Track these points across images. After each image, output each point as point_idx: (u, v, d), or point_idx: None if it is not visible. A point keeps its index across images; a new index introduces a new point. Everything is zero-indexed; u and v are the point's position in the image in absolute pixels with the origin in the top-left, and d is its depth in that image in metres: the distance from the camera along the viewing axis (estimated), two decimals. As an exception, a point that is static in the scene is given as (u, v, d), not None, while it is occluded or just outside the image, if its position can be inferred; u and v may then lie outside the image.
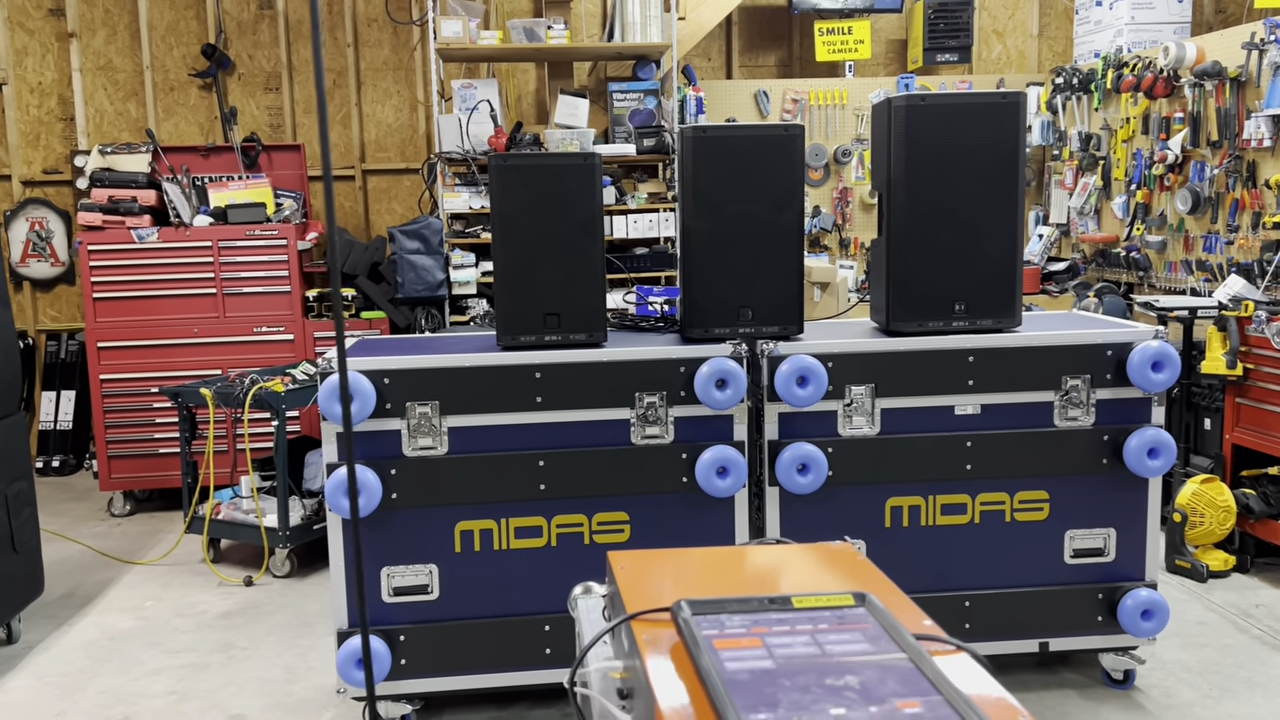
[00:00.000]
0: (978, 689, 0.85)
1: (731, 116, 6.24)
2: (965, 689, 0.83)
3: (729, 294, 3.02)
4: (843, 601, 0.97)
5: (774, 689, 0.81)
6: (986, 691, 0.85)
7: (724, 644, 0.89)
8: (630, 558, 1.17)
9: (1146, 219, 5.27)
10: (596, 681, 1.01)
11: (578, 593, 1.31)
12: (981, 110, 2.98)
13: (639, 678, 0.92)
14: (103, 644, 3.73)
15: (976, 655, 0.89)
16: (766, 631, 0.92)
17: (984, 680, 0.87)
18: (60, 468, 6.09)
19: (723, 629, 0.92)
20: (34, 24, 6.18)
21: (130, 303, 5.19)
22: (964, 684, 0.86)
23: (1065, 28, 6.65)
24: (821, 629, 0.92)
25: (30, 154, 6.27)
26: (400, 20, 6.31)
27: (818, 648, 0.88)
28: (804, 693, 0.81)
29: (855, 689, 0.81)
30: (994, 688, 0.87)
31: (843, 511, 3.03)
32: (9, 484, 3.63)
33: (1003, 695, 0.85)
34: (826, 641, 0.89)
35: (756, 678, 0.83)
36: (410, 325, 5.38)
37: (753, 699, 0.80)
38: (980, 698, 0.83)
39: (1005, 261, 3.04)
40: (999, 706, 0.82)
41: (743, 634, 0.91)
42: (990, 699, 0.83)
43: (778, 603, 0.99)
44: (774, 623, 0.94)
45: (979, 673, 0.88)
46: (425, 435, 2.89)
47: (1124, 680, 3.17)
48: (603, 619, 1.21)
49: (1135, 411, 3.05)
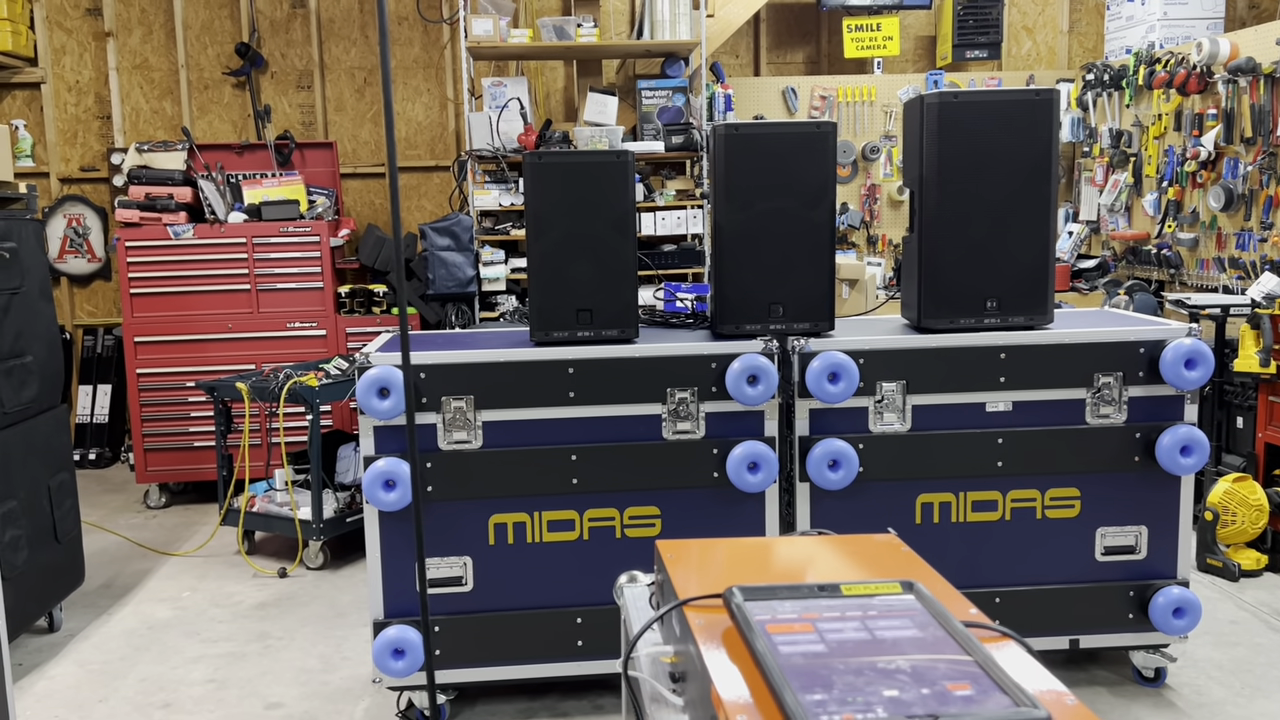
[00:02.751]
0: (1026, 675, 0.87)
1: (759, 114, 6.25)
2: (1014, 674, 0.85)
3: (760, 290, 3.04)
4: (891, 590, 1.00)
5: (828, 671, 0.84)
6: (1034, 677, 0.87)
7: (776, 629, 0.91)
8: (677, 547, 1.20)
9: (1178, 216, 5.24)
10: (646, 666, 1.03)
11: (623, 581, 1.34)
12: (1015, 108, 2.98)
13: (693, 662, 0.95)
14: (142, 633, 3.80)
15: (1024, 643, 0.91)
16: (817, 617, 0.94)
17: (1032, 667, 0.90)
18: (96, 460, 6.19)
19: (775, 614, 0.95)
20: (71, 23, 6.28)
21: (166, 298, 5.28)
22: (1012, 670, 0.88)
23: (1096, 23, 6.61)
24: (871, 615, 0.94)
25: (68, 151, 6.36)
26: (431, 19, 6.36)
27: (868, 633, 0.91)
28: (857, 675, 0.83)
29: (907, 672, 0.83)
30: (1042, 674, 0.89)
31: (873, 507, 3.04)
32: (52, 475, 3.71)
33: (1051, 681, 0.87)
34: (877, 627, 0.92)
35: (810, 660, 0.85)
36: (441, 321, 5.43)
37: (807, 680, 0.82)
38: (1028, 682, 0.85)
39: (1037, 258, 3.04)
40: (1047, 692, 0.85)
41: (794, 619, 0.93)
42: (1039, 684, 0.85)
43: (827, 590, 1.01)
44: (824, 609, 0.96)
45: (1027, 659, 0.90)
46: (460, 429, 2.92)
47: (1155, 678, 3.17)
48: (649, 606, 1.24)
49: (1168, 409, 3.05)
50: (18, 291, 3.54)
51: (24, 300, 3.58)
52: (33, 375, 3.60)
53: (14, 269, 3.52)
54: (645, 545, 3.00)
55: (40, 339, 3.67)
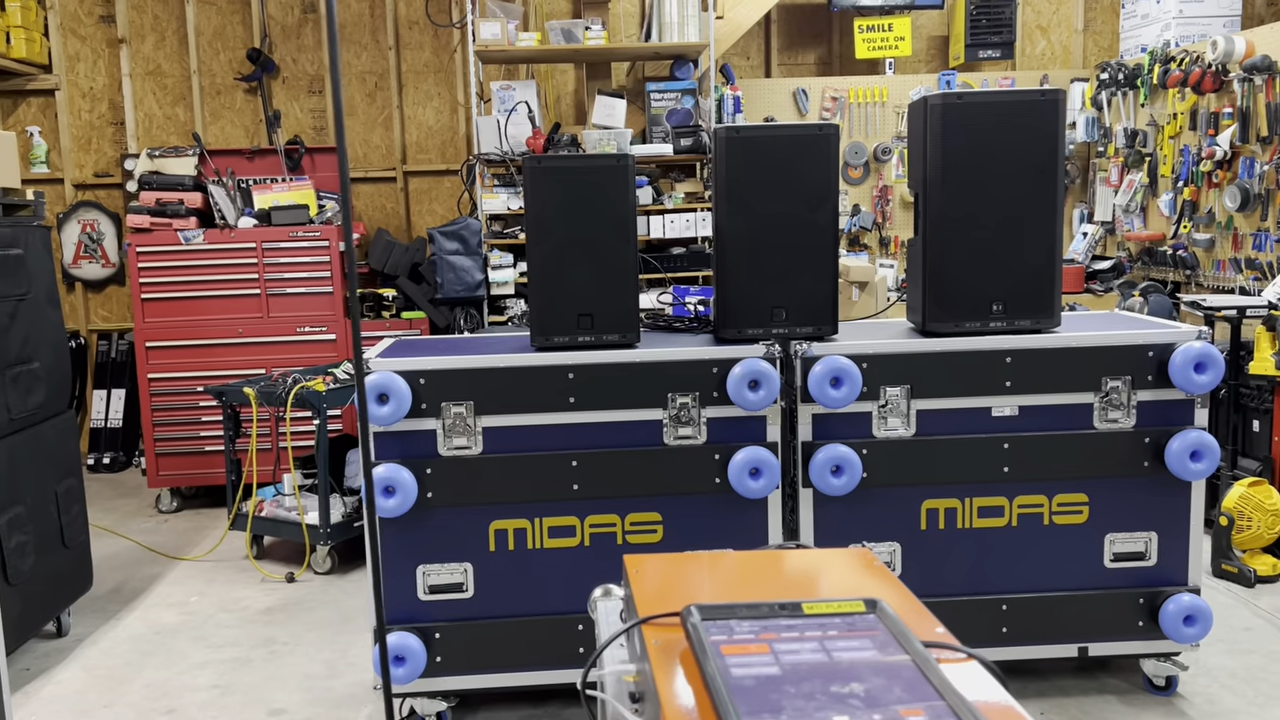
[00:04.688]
0: (985, 697, 0.84)
1: (770, 115, 6.21)
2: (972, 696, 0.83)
3: (763, 294, 3.02)
4: (853, 608, 0.97)
5: (778, 695, 0.82)
6: (994, 699, 0.85)
7: (731, 650, 0.89)
8: (647, 561, 1.18)
9: (1194, 216, 5.17)
10: (611, 684, 1.01)
11: (597, 595, 1.32)
12: (1020, 108, 2.94)
13: (648, 682, 0.93)
14: (149, 638, 3.81)
15: (986, 663, 0.89)
16: (775, 638, 0.92)
17: (992, 688, 0.87)
18: (111, 465, 6.23)
19: (731, 635, 0.92)
20: (85, 30, 6.32)
21: (177, 303, 5.30)
22: (972, 691, 0.85)
23: (1111, 22, 6.54)
24: (831, 635, 0.92)
25: (82, 157, 6.41)
26: (440, 23, 6.36)
27: (825, 654, 0.88)
28: (808, 700, 0.81)
29: (860, 696, 0.81)
30: (1002, 696, 0.86)
31: (877, 513, 3.01)
32: (59, 481, 3.72)
33: (1010, 704, 0.84)
34: (834, 648, 0.89)
35: (762, 684, 0.83)
36: (450, 325, 5.43)
37: (757, 705, 0.80)
38: (986, 705, 0.83)
39: (1044, 261, 3.00)
40: (1005, 714, 0.82)
41: (751, 640, 0.91)
42: (997, 707, 0.83)
43: (788, 609, 0.99)
44: (783, 629, 0.94)
45: (988, 681, 0.88)
46: (460, 435, 2.91)
47: (1166, 686, 3.11)
48: (620, 621, 1.22)
49: (1177, 413, 3.00)
50: (24, 298, 3.56)
51: (31, 307, 3.59)
52: (39, 381, 3.62)
53: (21, 275, 3.54)
54: (646, 552, 2.98)
55: (47, 345, 3.69)
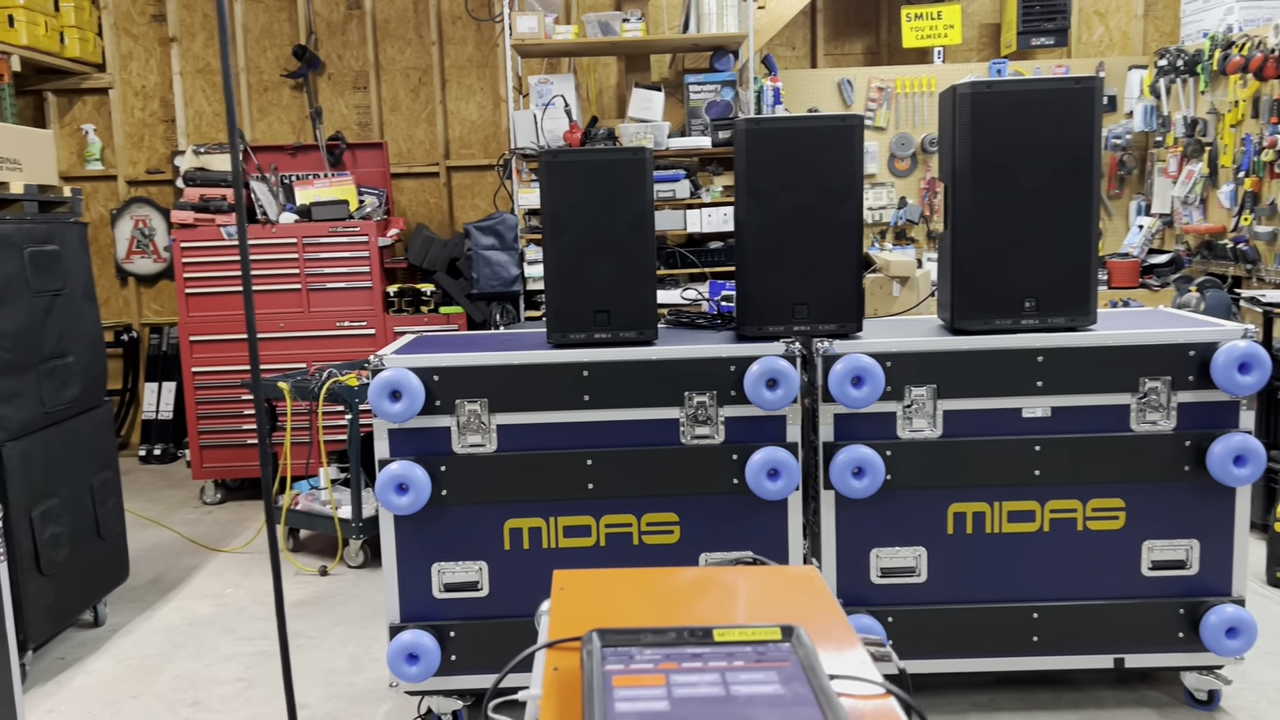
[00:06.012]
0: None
1: (814, 106, 6.10)
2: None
3: (785, 290, 2.94)
4: (768, 635, 0.91)
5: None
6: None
7: (624, 681, 0.83)
8: (575, 577, 1.13)
9: (1255, 208, 4.95)
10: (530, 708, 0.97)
11: (544, 608, 1.27)
12: (1053, 97, 2.82)
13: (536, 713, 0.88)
14: (182, 629, 3.86)
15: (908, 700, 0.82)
16: (675, 668, 0.86)
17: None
18: (161, 456, 6.35)
19: (629, 664, 0.87)
20: (138, 30, 6.44)
21: (219, 298, 5.37)
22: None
23: (1173, 6, 6.30)
24: (736, 666, 0.85)
25: (135, 154, 6.53)
26: (479, 17, 6.36)
27: (723, 688, 0.82)
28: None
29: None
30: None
31: (901, 517, 2.92)
32: (95, 474, 3.79)
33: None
34: (735, 681, 0.83)
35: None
36: (486, 320, 5.42)
37: (635, 745, 0.74)
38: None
39: (1079, 256, 2.87)
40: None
41: (649, 670, 0.85)
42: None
43: (697, 635, 0.92)
44: (687, 658, 0.88)
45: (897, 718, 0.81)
46: (474, 433, 2.89)
47: (1208, 701, 2.98)
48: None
49: (1220, 416, 2.86)
50: (60, 293, 3.62)
51: (66, 302, 3.65)
52: (75, 375, 3.68)
53: (57, 271, 3.60)
54: (663, 552, 2.92)
55: (83, 340, 3.75)
